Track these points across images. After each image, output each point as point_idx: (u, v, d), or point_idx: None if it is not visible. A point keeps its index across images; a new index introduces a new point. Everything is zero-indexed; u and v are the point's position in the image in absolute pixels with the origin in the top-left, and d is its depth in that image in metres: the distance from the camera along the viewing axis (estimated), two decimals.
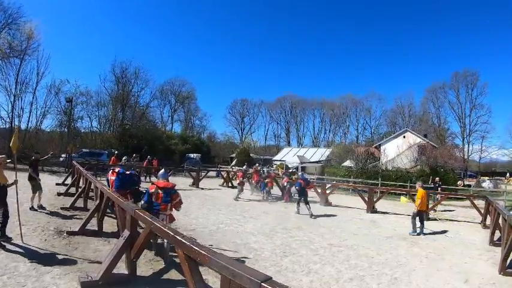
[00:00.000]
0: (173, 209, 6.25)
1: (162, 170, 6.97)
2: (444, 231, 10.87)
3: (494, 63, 71.57)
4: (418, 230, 10.16)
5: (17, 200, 6.83)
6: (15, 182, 6.50)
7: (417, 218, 10.26)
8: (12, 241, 6.19)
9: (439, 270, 6.74)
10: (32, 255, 5.71)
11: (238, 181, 16.40)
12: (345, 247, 8.06)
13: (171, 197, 6.13)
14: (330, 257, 7.14)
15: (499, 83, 77.27)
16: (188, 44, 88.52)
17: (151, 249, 6.27)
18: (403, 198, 11.02)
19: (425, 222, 10.61)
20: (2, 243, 5.98)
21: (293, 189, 14.10)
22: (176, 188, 6.57)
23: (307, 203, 12.20)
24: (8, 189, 6.39)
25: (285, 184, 15.69)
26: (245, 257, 6.59)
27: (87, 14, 72.35)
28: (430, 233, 10.33)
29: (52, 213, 9.11)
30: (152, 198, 6.02)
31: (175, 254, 4.98)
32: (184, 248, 3.15)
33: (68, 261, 5.53)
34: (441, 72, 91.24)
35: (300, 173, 14.70)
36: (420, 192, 10.45)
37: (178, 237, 3.31)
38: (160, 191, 6.07)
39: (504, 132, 61.41)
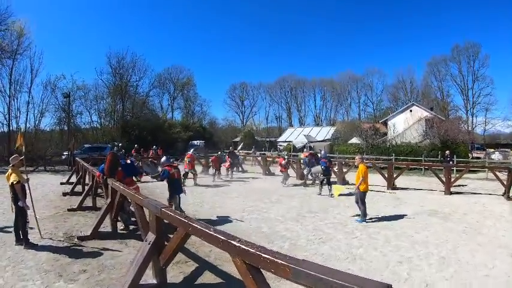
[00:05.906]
0: None
1: (165, 157, 8.92)
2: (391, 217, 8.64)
3: (495, 35, 69.27)
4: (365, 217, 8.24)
5: (31, 200, 6.57)
6: (27, 181, 6.43)
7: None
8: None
9: (480, 245, 6.40)
10: (41, 268, 5.03)
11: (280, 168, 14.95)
12: (380, 227, 7.64)
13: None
14: (369, 239, 6.72)
15: (501, 55, 74.96)
16: (182, 29, 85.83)
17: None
18: (337, 186, 10.12)
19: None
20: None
21: (316, 169, 13.04)
22: (184, 177, 12.42)
23: (329, 183, 11.81)
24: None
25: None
26: (280, 247, 6.13)
27: (77, 7, 69.86)
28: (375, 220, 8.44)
29: (59, 217, 8.42)
30: (171, 176, 7.98)
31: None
32: (247, 257, 2.45)
33: (84, 273, 4.86)
34: (441, 46, 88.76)
35: (322, 152, 13.53)
36: (361, 168, 8.34)
37: (233, 242, 2.58)
38: (174, 170, 8.13)
39: (508, 103, 60.42)
